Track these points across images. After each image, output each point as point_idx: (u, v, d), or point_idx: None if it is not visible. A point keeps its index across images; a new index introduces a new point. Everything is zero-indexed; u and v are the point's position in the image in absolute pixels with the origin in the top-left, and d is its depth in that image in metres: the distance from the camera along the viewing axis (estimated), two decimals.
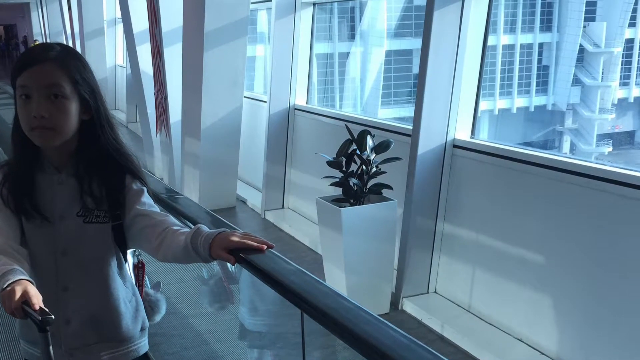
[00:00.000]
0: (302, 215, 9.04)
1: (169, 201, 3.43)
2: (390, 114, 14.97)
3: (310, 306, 2.21)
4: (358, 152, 6.11)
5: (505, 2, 15.11)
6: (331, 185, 6.23)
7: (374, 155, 6.10)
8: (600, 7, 15.56)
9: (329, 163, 6.23)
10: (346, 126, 6.36)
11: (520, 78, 15.74)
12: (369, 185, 6.14)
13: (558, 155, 5.55)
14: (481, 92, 6.25)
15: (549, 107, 16.11)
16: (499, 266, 5.83)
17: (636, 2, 14.89)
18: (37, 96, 2.27)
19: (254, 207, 9.83)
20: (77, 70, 2.34)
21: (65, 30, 25.16)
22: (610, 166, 4.95)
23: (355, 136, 6.15)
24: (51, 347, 2.03)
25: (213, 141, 9.40)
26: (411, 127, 6.31)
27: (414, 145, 6.17)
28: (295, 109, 9.12)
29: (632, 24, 14.89)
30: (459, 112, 6.14)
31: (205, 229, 2.35)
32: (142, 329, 2.62)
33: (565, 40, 15.43)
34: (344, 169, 6.16)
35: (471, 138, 6.21)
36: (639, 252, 4.64)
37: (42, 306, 1.98)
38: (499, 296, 5.85)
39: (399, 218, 6.33)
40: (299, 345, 2.62)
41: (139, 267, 2.77)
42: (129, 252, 2.62)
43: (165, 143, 10.87)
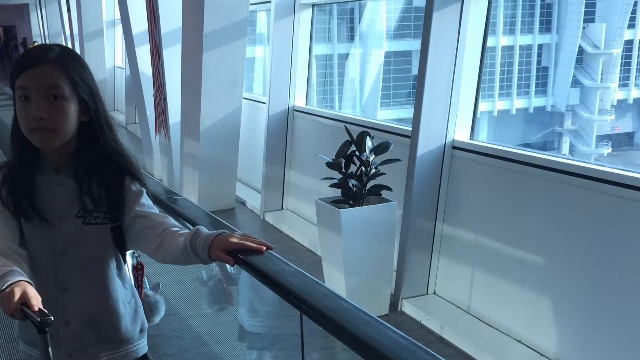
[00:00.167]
0: (301, 217, 9.03)
1: (168, 202, 3.42)
2: (389, 115, 14.97)
3: (309, 307, 2.20)
4: (357, 153, 6.11)
5: (505, 3, 15.09)
6: (330, 186, 6.23)
7: (373, 156, 6.10)
8: (600, 8, 15.56)
9: (328, 164, 6.22)
10: (345, 127, 6.36)
11: (519, 79, 15.73)
12: (368, 186, 6.14)
13: (557, 157, 5.55)
14: (480, 93, 6.25)
15: (548, 109, 16.11)
16: (498, 267, 5.83)
17: (635, 3, 14.89)
18: (36, 97, 2.27)
19: (253, 208, 9.83)
20: (77, 71, 2.34)
21: (64, 32, 25.15)
22: (610, 167, 4.95)
23: (355, 137, 6.15)
24: (50, 349, 2.04)
25: (212, 142, 9.40)
26: (410, 129, 6.31)
27: (413, 147, 6.17)
28: (295, 110, 9.12)
29: (631, 25, 14.89)
30: (458, 113, 6.14)
31: (204, 230, 2.35)
32: (141, 330, 2.62)
33: (565, 42, 15.42)
34: (343, 170, 6.16)
35: (470, 139, 6.21)
36: (638, 253, 4.64)
37: (41, 307, 1.98)
38: (498, 297, 5.85)
39: (398, 219, 6.33)
40: (298, 347, 2.62)
41: (138, 269, 2.76)
42: (128, 253, 2.62)
43: (165, 144, 10.86)
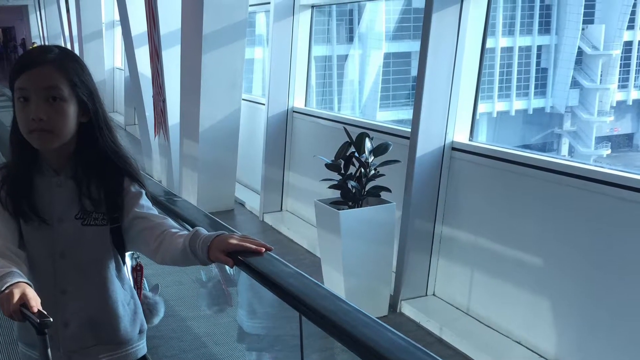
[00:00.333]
0: (300, 218, 9.03)
1: (167, 204, 3.42)
2: (388, 117, 14.97)
3: (308, 309, 2.20)
4: (356, 154, 6.11)
5: (504, 4, 15.09)
6: (330, 187, 6.23)
7: (372, 157, 6.10)
8: (599, 9, 15.56)
9: (327, 166, 6.22)
10: (345, 129, 6.36)
11: (518, 80, 15.73)
12: (367, 187, 6.14)
13: (556, 158, 5.56)
14: (480, 94, 6.25)
15: (548, 110, 16.10)
16: (497, 269, 5.83)
17: (635, 4, 14.90)
18: (36, 99, 2.27)
19: (252, 209, 9.83)
20: (76, 72, 2.33)
21: (63, 33, 25.14)
22: (609, 169, 4.94)
23: (354, 139, 6.15)
24: (49, 350, 2.03)
25: (211, 144, 9.40)
26: (410, 130, 6.31)
27: (412, 148, 6.17)
28: (294, 111, 9.12)
29: (630, 27, 14.89)
30: (458, 114, 6.14)
31: (203, 231, 2.34)
32: (141, 332, 2.62)
33: (564, 43, 15.43)
34: (342, 171, 6.16)
35: (470, 140, 6.21)
36: (637, 255, 4.65)
37: (41, 309, 1.98)
38: (497, 299, 5.85)
39: (397, 221, 6.33)
40: (297, 348, 2.62)
41: (137, 270, 2.76)
42: (127, 254, 2.61)
43: (164, 145, 10.86)
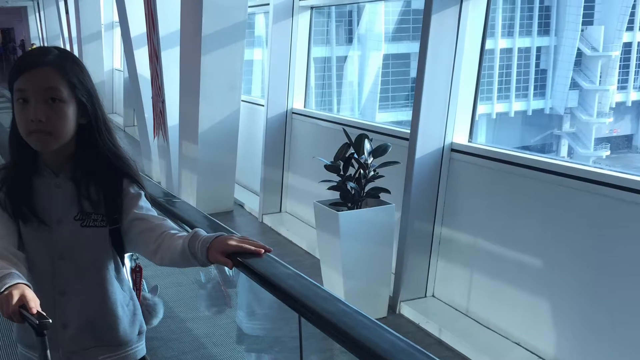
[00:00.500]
0: (299, 219, 9.03)
1: (166, 205, 3.42)
2: (388, 118, 14.99)
3: (307, 310, 2.20)
4: (356, 156, 6.11)
5: (503, 5, 15.12)
6: (329, 189, 6.23)
7: (371, 159, 6.09)
8: (598, 11, 15.58)
9: (326, 167, 6.22)
10: (344, 130, 6.36)
11: (518, 82, 15.75)
12: (366, 189, 6.14)
13: (556, 159, 5.56)
14: (479, 95, 6.25)
15: (547, 111, 16.12)
16: (496, 270, 5.83)
17: (634, 6, 14.91)
18: (35, 100, 2.26)
19: (251, 211, 9.82)
20: (75, 74, 2.33)
21: (62, 34, 25.12)
22: (608, 170, 4.94)
23: (353, 140, 6.15)
24: (49, 351, 2.03)
25: (210, 145, 9.40)
26: (409, 131, 6.31)
27: (411, 149, 6.17)
28: (293, 112, 9.11)
29: (630, 28, 14.91)
30: (457, 115, 6.14)
31: (202, 232, 2.34)
32: (140, 333, 2.62)
33: (563, 44, 15.45)
34: (341, 172, 6.15)
35: (469, 142, 6.21)
36: (636, 256, 4.64)
37: (40, 310, 1.98)
38: (496, 300, 5.84)
39: (396, 222, 6.32)
40: (296, 350, 2.62)
41: (136, 271, 2.76)
42: (126, 256, 2.61)
43: (163, 147, 10.86)
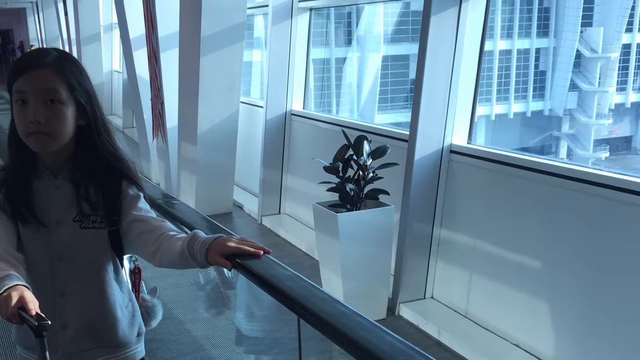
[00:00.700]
0: (298, 221, 9.03)
1: (165, 206, 3.42)
2: (387, 119, 14.98)
3: (306, 312, 2.20)
4: (355, 157, 6.10)
5: (503, 7, 15.12)
6: (328, 190, 6.22)
7: (370, 160, 6.09)
8: (597, 12, 15.57)
9: (325, 168, 6.22)
10: (343, 131, 6.36)
11: (517, 83, 15.73)
12: (365, 190, 6.14)
13: (555, 161, 5.56)
14: (478, 97, 6.25)
15: (546, 113, 16.10)
16: (496, 271, 5.83)
17: (633, 7, 14.90)
18: (34, 101, 2.26)
19: (250, 212, 9.82)
20: (74, 75, 2.33)
21: (61, 36, 25.12)
22: (607, 171, 4.94)
23: (352, 141, 6.15)
24: (48, 353, 2.03)
25: (209, 146, 9.39)
26: (408, 133, 6.31)
27: (410, 151, 6.17)
28: (292, 114, 9.11)
29: (629, 29, 14.89)
30: (456, 117, 6.14)
31: (201, 234, 2.34)
32: (139, 335, 2.62)
33: (562, 46, 15.44)
34: (340, 174, 6.15)
35: (468, 143, 6.21)
36: (636, 258, 4.64)
37: (39, 312, 1.98)
38: (496, 301, 5.84)
39: (395, 223, 6.32)
40: (295, 351, 2.61)
41: (135, 273, 2.76)
42: (125, 257, 2.61)
43: (162, 148, 10.85)
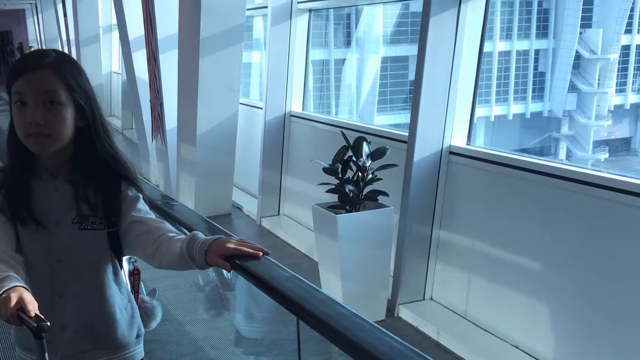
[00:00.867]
0: (298, 222, 9.03)
1: (164, 208, 3.42)
2: (386, 121, 14.99)
3: (306, 313, 2.20)
4: (354, 158, 6.10)
5: (502, 8, 15.14)
6: (327, 192, 6.22)
7: (369, 161, 6.09)
8: (597, 13, 15.58)
9: (324, 170, 6.22)
10: (342, 133, 6.36)
11: (516, 84, 15.75)
12: (364, 192, 6.13)
13: (554, 162, 5.55)
14: (477, 98, 6.25)
15: (545, 114, 16.12)
16: (495, 273, 5.83)
17: (632, 8, 14.91)
18: (33, 103, 2.26)
19: (249, 213, 9.82)
20: (73, 76, 2.33)
21: (60, 37, 25.12)
22: (607, 173, 4.94)
23: (351, 143, 6.15)
24: (47, 354, 2.03)
25: (209, 148, 9.39)
26: (407, 134, 6.31)
27: (410, 152, 6.17)
28: (291, 115, 9.11)
29: (628, 31, 14.91)
30: (455, 118, 6.14)
31: (200, 235, 2.34)
32: (138, 336, 2.62)
33: (562, 47, 15.45)
34: (339, 175, 6.15)
35: (467, 145, 6.21)
36: (635, 259, 4.64)
37: (38, 313, 1.98)
38: (495, 303, 5.84)
39: (395, 225, 6.32)
40: (295, 352, 2.61)
41: (134, 274, 2.76)
42: (124, 258, 2.61)
43: (161, 150, 10.85)
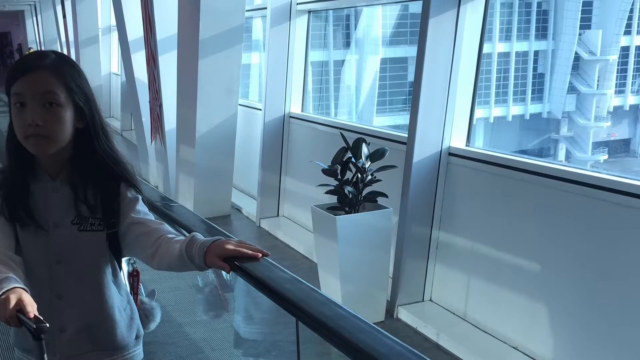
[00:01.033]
0: (297, 223, 9.02)
1: (163, 209, 3.41)
2: (385, 122, 14.96)
3: (305, 314, 2.20)
4: (353, 160, 6.10)
5: (501, 9, 15.12)
6: (326, 193, 6.22)
7: (369, 163, 6.09)
8: (596, 14, 15.56)
9: (324, 171, 6.22)
10: (341, 134, 6.36)
11: (515, 86, 15.72)
12: (364, 193, 6.13)
13: (553, 163, 5.55)
14: (476, 99, 6.25)
15: (545, 115, 16.09)
16: (494, 274, 5.83)
17: (632, 10, 14.90)
18: (32, 104, 2.26)
19: (248, 215, 9.82)
20: (72, 78, 2.33)
21: (60, 38, 25.13)
22: (606, 174, 4.94)
23: (351, 144, 6.15)
24: (46, 356, 2.03)
25: (208, 149, 9.39)
26: (406, 135, 6.31)
27: (409, 153, 6.17)
28: (291, 116, 9.11)
29: (627, 32, 14.88)
30: (455, 119, 6.14)
31: (200, 237, 2.34)
32: (137, 337, 2.61)
33: (561, 48, 15.43)
34: (339, 177, 6.15)
35: (466, 146, 6.21)
36: (634, 260, 4.64)
37: (37, 314, 1.98)
38: (494, 304, 5.84)
39: (394, 226, 6.32)
40: (294, 354, 2.61)
41: (133, 275, 2.76)
42: (123, 260, 2.61)
43: (160, 151, 10.86)
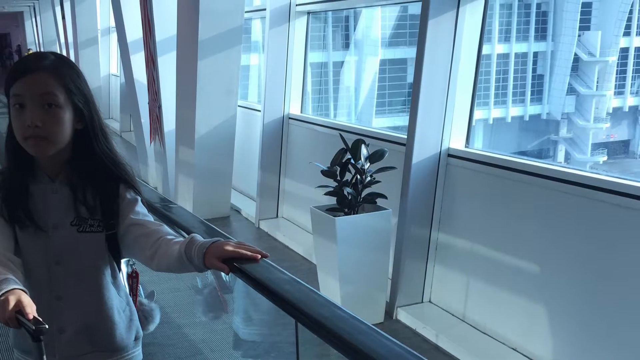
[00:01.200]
0: (296, 225, 9.02)
1: (163, 210, 3.41)
2: (384, 123, 14.97)
3: (304, 316, 2.20)
4: (352, 161, 6.10)
5: (500, 11, 15.14)
6: (325, 194, 6.22)
7: (368, 164, 6.09)
8: (595, 16, 15.58)
9: (323, 172, 6.22)
10: (340, 135, 6.36)
11: (515, 87, 15.74)
12: (363, 194, 6.13)
13: (553, 165, 5.55)
14: (476, 101, 6.25)
15: (544, 116, 16.10)
16: (493, 275, 5.83)
17: (631, 11, 14.91)
18: (31, 105, 2.26)
19: (248, 216, 9.82)
20: (71, 79, 2.33)
21: (59, 39, 25.15)
22: (605, 175, 4.94)
23: (350, 145, 6.15)
24: (45, 357, 2.03)
25: (207, 150, 9.39)
26: (406, 137, 6.31)
27: (408, 155, 6.17)
28: (290, 118, 9.11)
29: (627, 33, 14.90)
30: (454, 121, 6.14)
31: (199, 238, 2.34)
32: (136, 339, 2.61)
33: (560, 49, 15.45)
34: (338, 178, 6.15)
35: (466, 147, 6.21)
36: (633, 261, 4.64)
37: (36, 315, 1.98)
38: (493, 306, 5.84)
39: (393, 227, 6.32)
40: (293, 355, 2.62)
41: (132, 277, 2.76)
42: (122, 261, 2.61)
43: (159, 152, 10.85)
